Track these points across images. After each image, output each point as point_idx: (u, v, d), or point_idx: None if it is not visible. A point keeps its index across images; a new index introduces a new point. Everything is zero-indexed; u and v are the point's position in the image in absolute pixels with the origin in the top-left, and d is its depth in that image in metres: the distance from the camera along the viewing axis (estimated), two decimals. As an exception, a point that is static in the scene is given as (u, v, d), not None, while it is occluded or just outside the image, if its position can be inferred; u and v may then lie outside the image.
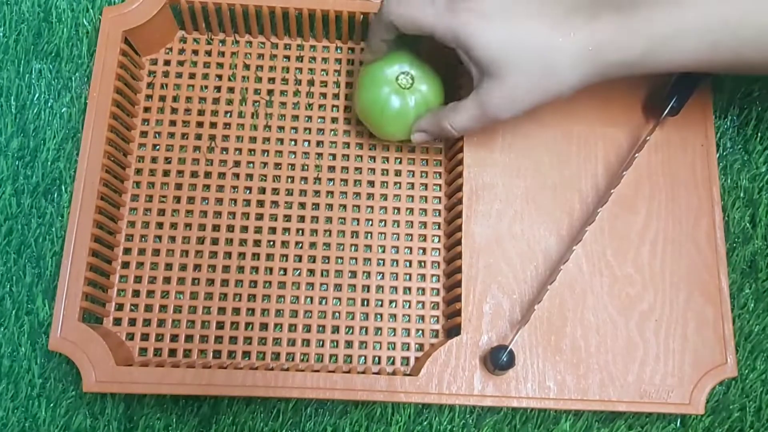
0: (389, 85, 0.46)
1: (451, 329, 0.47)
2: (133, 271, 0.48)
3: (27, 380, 0.47)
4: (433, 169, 0.51)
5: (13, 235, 0.50)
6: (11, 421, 0.47)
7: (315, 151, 0.51)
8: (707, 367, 0.45)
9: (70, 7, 0.54)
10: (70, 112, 0.52)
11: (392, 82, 0.46)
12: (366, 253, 0.49)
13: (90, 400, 0.47)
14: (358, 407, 0.48)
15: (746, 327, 0.49)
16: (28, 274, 0.49)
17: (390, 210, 0.50)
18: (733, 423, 0.48)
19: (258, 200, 0.50)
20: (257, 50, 0.53)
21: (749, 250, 0.51)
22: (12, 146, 0.51)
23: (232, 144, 0.51)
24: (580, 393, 0.44)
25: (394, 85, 0.46)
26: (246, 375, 0.43)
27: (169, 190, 0.50)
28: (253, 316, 0.48)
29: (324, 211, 0.50)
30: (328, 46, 0.53)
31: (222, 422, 0.47)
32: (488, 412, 0.48)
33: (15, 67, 0.53)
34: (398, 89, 0.46)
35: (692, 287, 0.47)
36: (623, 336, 0.46)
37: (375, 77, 0.47)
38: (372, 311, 0.48)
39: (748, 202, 0.52)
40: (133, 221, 0.49)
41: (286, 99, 0.52)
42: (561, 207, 0.48)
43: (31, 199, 0.50)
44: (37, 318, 0.48)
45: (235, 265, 0.49)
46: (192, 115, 0.51)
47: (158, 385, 0.43)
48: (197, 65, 0.52)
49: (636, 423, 0.48)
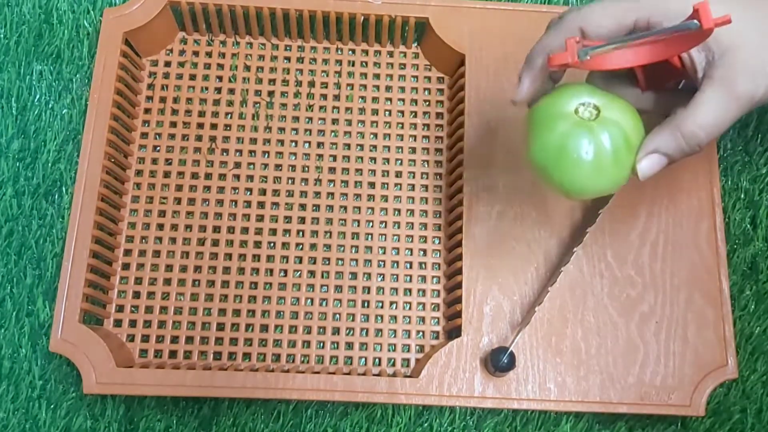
0: (566, 120, 0.34)
1: (451, 331, 0.47)
2: (134, 272, 0.48)
3: (27, 382, 0.47)
4: (434, 170, 0.51)
5: (13, 237, 0.50)
6: (11, 423, 0.47)
7: (315, 153, 0.51)
8: (708, 368, 0.45)
9: (70, 9, 0.54)
10: (70, 113, 0.52)
11: (570, 116, 0.34)
12: (366, 254, 0.49)
13: (90, 401, 0.47)
14: (359, 409, 0.48)
15: (747, 329, 0.49)
16: (28, 275, 0.49)
17: (390, 211, 0.50)
18: (733, 425, 0.48)
19: (258, 201, 0.50)
20: (258, 51, 0.53)
21: (750, 252, 0.51)
22: (13, 148, 0.51)
23: (232, 145, 0.51)
24: (581, 395, 0.44)
25: (572, 119, 0.34)
26: (246, 376, 0.43)
27: (170, 191, 0.50)
28: (253, 317, 0.48)
29: (324, 212, 0.50)
30: (328, 48, 0.53)
31: (222, 424, 0.47)
32: (489, 414, 0.48)
33: (16, 68, 0.53)
34: (580, 123, 0.34)
35: (693, 289, 0.46)
36: (624, 337, 0.46)
37: (546, 114, 0.35)
38: (372, 313, 0.48)
39: (748, 204, 0.52)
40: (134, 222, 0.49)
41: (286, 100, 0.52)
42: (561, 208, 0.48)
43: (31, 200, 0.50)
44: (38, 319, 0.48)
45: (235, 266, 0.48)
46: (192, 116, 0.51)
47: (159, 387, 0.43)
48: (198, 66, 0.52)
49: (636, 425, 0.48)
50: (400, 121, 0.52)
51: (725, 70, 0.33)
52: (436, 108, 0.52)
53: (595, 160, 0.33)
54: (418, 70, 0.53)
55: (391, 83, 0.53)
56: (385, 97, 0.52)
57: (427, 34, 0.52)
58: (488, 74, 0.50)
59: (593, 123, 0.34)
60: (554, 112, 0.34)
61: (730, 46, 0.33)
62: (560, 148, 0.34)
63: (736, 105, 0.33)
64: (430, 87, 0.53)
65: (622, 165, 0.34)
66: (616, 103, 0.35)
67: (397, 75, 0.53)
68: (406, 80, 0.53)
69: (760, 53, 0.33)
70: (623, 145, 0.34)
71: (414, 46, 0.53)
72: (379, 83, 0.53)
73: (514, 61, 0.50)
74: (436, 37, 0.51)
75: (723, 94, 0.33)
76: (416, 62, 0.53)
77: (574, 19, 0.35)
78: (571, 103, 0.34)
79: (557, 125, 0.34)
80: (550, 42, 0.36)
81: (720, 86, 0.33)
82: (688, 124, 0.34)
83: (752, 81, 0.33)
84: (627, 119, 0.34)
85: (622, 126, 0.34)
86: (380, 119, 0.52)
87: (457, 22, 0.51)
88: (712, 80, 0.33)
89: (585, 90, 0.35)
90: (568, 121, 0.34)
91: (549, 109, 0.35)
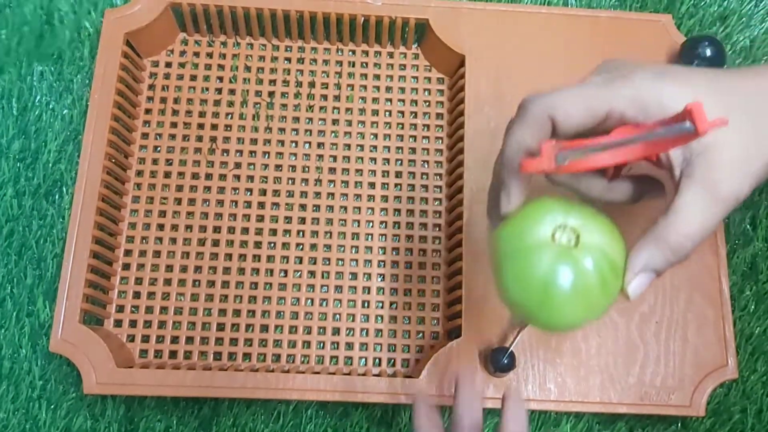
0: (546, 251, 0.30)
1: (451, 331, 0.47)
2: (134, 272, 0.48)
3: (27, 382, 0.47)
4: (434, 170, 0.51)
5: (14, 237, 0.50)
6: (12, 423, 0.47)
7: (315, 153, 0.51)
8: (708, 369, 0.45)
9: (72, 10, 0.54)
10: (71, 113, 0.52)
11: (548, 245, 0.30)
12: (367, 254, 0.49)
13: (90, 401, 0.47)
14: (359, 409, 0.48)
15: (747, 329, 0.49)
16: (29, 275, 0.49)
17: (390, 211, 0.50)
18: (734, 425, 0.48)
19: (259, 202, 0.50)
20: (258, 52, 0.53)
21: (750, 252, 0.51)
22: (13, 148, 0.51)
23: (232, 146, 0.51)
24: (581, 395, 0.44)
25: (552, 250, 0.30)
26: (246, 377, 0.43)
27: (170, 191, 0.50)
28: (253, 317, 0.48)
29: (324, 212, 0.50)
30: (329, 48, 0.53)
31: (222, 424, 0.47)
32: (489, 414, 0.48)
33: (17, 69, 0.53)
34: (562, 254, 0.30)
35: (693, 289, 0.46)
36: (624, 338, 0.46)
37: (520, 245, 0.31)
38: (372, 313, 0.48)
39: (748, 204, 0.52)
40: (134, 223, 0.49)
41: (286, 101, 0.52)
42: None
43: (32, 200, 0.50)
44: (38, 320, 0.48)
45: (235, 266, 0.49)
46: (193, 116, 0.51)
47: (159, 387, 0.43)
48: (198, 67, 0.52)
49: (637, 425, 0.48)
50: (400, 121, 0.52)
51: (706, 170, 0.30)
52: (436, 108, 0.53)
53: (583, 294, 0.30)
54: (418, 70, 0.53)
55: (391, 84, 0.53)
56: (385, 98, 0.52)
57: (427, 35, 0.52)
58: (488, 75, 0.50)
59: (575, 251, 0.30)
60: (529, 241, 0.30)
61: (712, 143, 0.30)
62: (545, 286, 0.30)
63: (721, 208, 0.30)
64: (430, 88, 0.53)
65: (609, 292, 0.31)
66: (595, 221, 0.31)
67: (397, 76, 0.53)
68: (406, 81, 0.53)
69: (743, 151, 0.30)
70: (609, 271, 0.30)
71: (414, 47, 0.54)
72: (379, 84, 0.53)
73: (514, 62, 0.51)
74: (436, 38, 0.51)
75: (706, 198, 0.30)
76: (416, 63, 0.53)
77: (543, 107, 0.31)
78: (546, 227, 0.30)
79: (537, 259, 0.30)
80: (522, 137, 0.32)
81: (702, 189, 0.30)
82: (673, 236, 0.30)
83: (736, 181, 0.30)
84: (609, 240, 0.31)
85: (605, 250, 0.30)
86: (380, 119, 0.52)
87: (457, 22, 0.51)
88: (692, 181, 0.30)
89: (557, 207, 0.31)
90: (548, 252, 0.30)
91: (522, 237, 0.31)
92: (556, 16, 0.52)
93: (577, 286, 0.30)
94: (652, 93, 0.30)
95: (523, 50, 0.51)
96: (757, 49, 0.55)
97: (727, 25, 0.55)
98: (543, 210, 0.31)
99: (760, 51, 0.55)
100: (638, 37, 0.51)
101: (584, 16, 0.52)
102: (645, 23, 0.52)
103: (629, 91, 0.31)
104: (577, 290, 0.30)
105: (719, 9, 0.56)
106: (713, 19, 0.55)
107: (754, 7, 0.56)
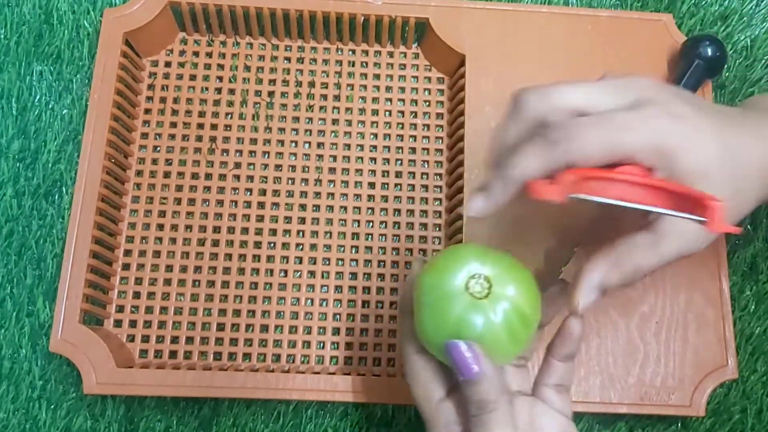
0: (459, 299, 0.32)
1: (451, 331, 0.47)
2: (134, 272, 0.48)
3: (27, 382, 0.47)
4: (434, 170, 0.51)
5: (13, 237, 0.50)
6: (11, 423, 0.47)
7: (315, 153, 0.51)
8: (708, 369, 0.45)
9: (71, 9, 0.54)
10: (70, 113, 0.52)
11: (461, 295, 0.32)
12: (367, 254, 0.49)
13: (90, 402, 0.47)
14: (359, 409, 0.48)
15: (747, 329, 0.49)
16: (28, 275, 0.49)
17: (390, 211, 0.50)
18: (734, 425, 0.48)
19: (258, 202, 0.50)
20: (258, 52, 0.53)
21: (750, 252, 0.51)
22: (13, 148, 0.51)
23: (232, 145, 0.51)
24: (581, 395, 0.44)
25: (464, 300, 0.32)
26: (246, 377, 0.43)
27: (170, 191, 0.50)
28: (253, 317, 0.48)
29: (324, 212, 0.50)
30: (329, 48, 0.53)
31: (222, 424, 0.47)
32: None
33: (16, 69, 0.53)
34: (473, 305, 0.32)
35: (693, 289, 0.46)
36: (624, 338, 0.46)
37: (437, 292, 0.33)
38: (372, 313, 0.48)
39: (749, 204, 0.51)
40: (134, 223, 0.49)
41: (286, 100, 0.52)
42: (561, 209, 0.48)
43: (31, 200, 0.50)
44: (38, 320, 0.48)
45: (235, 266, 0.48)
46: (192, 116, 0.51)
47: (159, 387, 0.43)
48: (198, 67, 0.52)
49: (637, 425, 0.48)
50: (400, 121, 0.52)
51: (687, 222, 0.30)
52: (436, 108, 0.52)
53: (491, 342, 0.32)
54: (418, 70, 0.53)
55: (391, 83, 0.53)
56: (385, 98, 0.52)
57: (428, 34, 0.52)
58: (488, 74, 0.50)
59: (485, 302, 0.32)
60: (444, 290, 0.32)
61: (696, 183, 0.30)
62: (457, 333, 0.32)
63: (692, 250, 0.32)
64: (430, 87, 0.53)
65: (517, 340, 0.33)
66: (509, 272, 0.33)
67: (397, 75, 0.53)
68: (406, 80, 0.53)
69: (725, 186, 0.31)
70: (518, 322, 0.32)
71: (414, 46, 0.53)
72: (379, 83, 0.53)
73: (515, 61, 0.51)
74: (436, 37, 0.51)
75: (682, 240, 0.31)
76: (416, 62, 0.53)
77: (566, 147, 0.29)
78: (461, 276, 0.32)
79: (449, 308, 0.32)
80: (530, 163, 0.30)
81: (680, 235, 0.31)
82: (636, 262, 0.31)
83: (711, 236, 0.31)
84: (520, 291, 0.33)
85: (515, 301, 0.32)
86: (380, 119, 0.52)
87: (457, 22, 0.51)
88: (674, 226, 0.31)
89: (474, 255, 0.33)
90: (460, 302, 0.32)
91: (438, 285, 0.33)
92: (557, 16, 0.52)
93: (485, 335, 0.32)
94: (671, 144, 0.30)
95: (523, 50, 0.51)
96: (758, 48, 0.55)
97: (728, 25, 0.55)
98: (461, 256, 0.33)
99: (761, 51, 0.55)
100: (639, 37, 0.51)
101: (585, 15, 0.52)
102: (645, 22, 0.52)
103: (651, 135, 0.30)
104: (485, 338, 0.32)
105: (720, 8, 0.56)
106: (714, 19, 0.55)
107: (755, 7, 0.56)
